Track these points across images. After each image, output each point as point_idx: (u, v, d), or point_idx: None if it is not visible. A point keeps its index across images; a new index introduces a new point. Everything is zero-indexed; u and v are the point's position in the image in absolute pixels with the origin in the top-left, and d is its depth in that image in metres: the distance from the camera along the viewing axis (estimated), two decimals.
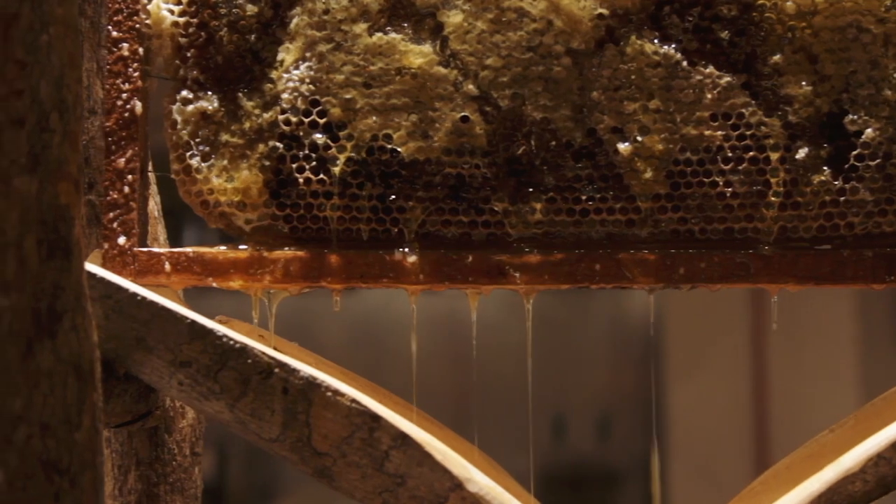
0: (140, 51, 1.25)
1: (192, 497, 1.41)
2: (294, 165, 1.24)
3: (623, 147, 1.23)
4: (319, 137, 1.24)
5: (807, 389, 3.65)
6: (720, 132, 1.23)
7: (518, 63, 1.23)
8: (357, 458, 1.16)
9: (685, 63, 1.23)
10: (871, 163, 1.23)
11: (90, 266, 1.18)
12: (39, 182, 0.81)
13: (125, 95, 1.25)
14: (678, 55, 1.23)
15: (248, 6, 1.25)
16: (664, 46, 1.23)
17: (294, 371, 1.16)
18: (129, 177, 1.24)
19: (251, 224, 1.25)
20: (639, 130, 1.23)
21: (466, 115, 1.23)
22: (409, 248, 1.24)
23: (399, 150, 1.24)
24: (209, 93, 1.25)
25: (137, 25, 1.25)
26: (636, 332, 3.85)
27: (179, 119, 1.25)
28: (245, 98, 1.25)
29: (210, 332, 1.17)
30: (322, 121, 1.24)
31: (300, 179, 1.24)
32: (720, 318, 3.67)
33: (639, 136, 1.23)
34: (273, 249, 1.24)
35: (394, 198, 1.24)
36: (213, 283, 1.24)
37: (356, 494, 1.17)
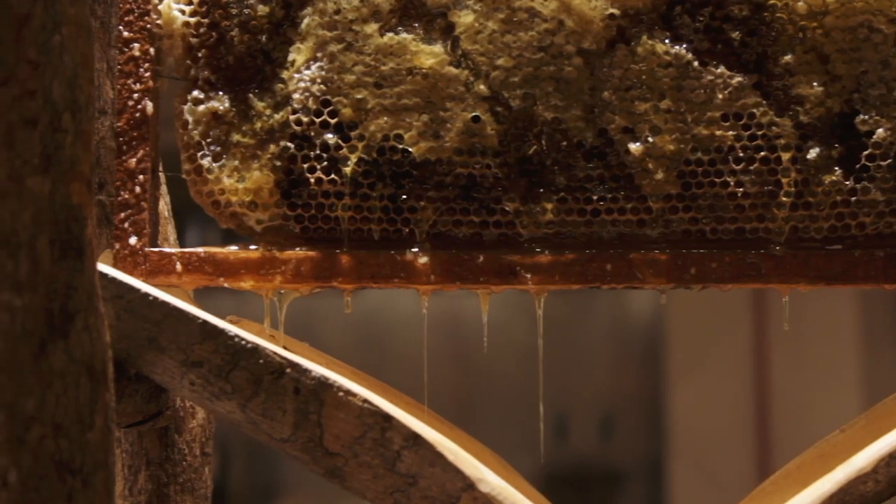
0: (151, 51, 1.25)
1: (203, 497, 1.40)
2: (305, 165, 1.24)
3: (634, 147, 1.23)
4: (330, 137, 1.24)
5: (809, 389, 3.65)
6: (731, 132, 1.23)
7: (529, 63, 1.23)
8: (369, 459, 1.16)
9: (696, 63, 1.23)
10: (883, 163, 1.22)
11: (102, 266, 1.18)
12: (52, 182, 0.81)
13: (136, 96, 1.25)
14: (689, 55, 1.23)
15: (259, 6, 1.24)
16: (675, 46, 1.23)
17: (306, 371, 1.16)
18: (141, 177, 1.24)
19: (262, 224, 1.25)
20: (650, 130, 1.23)
21: (478, 115, 1.23)
22: (421, 249, 1.24)
23: (410, 151, 1.23)
24: (220, 93, 1.25)
25: (148, 26, 1.25)
26: (639, 332, 3.85)
27: (190, 119, 1.25)
28: (256, 98, 1.25)
29: (222, 332, 1.17)
30: (333, 121, 1.24)
31: (311, 179, 1.24)
32: (723, 318, 3.66)
33: (650, 137, 1.23)
34: (284, 250, 1.24)
35: (405, 198, 1.24)
36: (225, 284, 1.24)
37: (368, 495, 1.17)
